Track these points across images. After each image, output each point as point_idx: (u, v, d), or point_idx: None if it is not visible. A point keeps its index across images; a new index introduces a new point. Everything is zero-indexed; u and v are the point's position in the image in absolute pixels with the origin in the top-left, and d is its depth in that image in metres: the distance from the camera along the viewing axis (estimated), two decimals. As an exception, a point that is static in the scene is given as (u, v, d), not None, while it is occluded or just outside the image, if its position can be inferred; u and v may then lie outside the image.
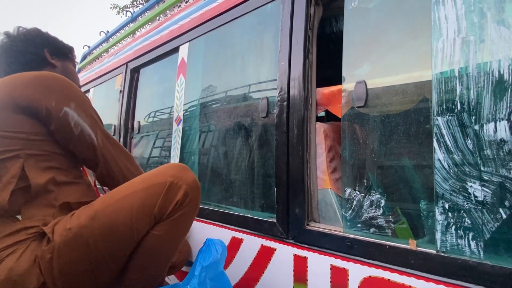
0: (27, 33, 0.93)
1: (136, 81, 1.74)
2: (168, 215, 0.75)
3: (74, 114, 0.79)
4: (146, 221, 0.74)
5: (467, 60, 0.61)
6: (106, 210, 0.74)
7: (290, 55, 0.92)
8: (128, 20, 2.33)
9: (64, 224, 0.72)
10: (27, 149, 0.75)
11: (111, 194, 0.78)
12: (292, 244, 0.87)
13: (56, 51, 0.97)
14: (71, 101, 0.79)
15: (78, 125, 0.80)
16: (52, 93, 0.77)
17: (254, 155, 1.05)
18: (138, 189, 0.75)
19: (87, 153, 0.84)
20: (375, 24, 0.78)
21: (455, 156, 0.61)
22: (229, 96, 1.16)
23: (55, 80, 0.79)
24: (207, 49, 1.27)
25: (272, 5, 1.01)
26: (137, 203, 0.74)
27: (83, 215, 0.74)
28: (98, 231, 0.72)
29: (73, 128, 0.79)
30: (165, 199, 0.74)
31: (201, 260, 0.74)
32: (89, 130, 0.82)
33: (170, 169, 0.79)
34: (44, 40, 0.95)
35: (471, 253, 0.58)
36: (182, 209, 0.76)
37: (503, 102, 0.56)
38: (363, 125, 0.77)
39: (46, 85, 0.77)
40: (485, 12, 0.59)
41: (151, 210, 0.74)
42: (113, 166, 0.87)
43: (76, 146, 0.82)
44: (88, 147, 0.83)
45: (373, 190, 0.74)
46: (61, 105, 0.77)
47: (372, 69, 0.77)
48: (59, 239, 0.70)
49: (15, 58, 0.89)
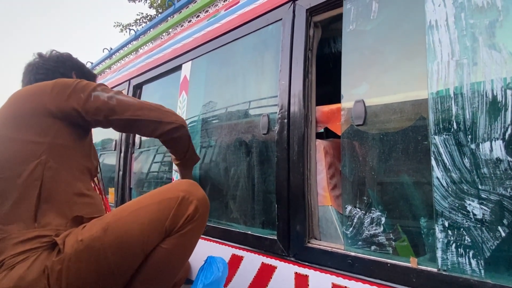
0: (60, 56, 1.03)
1: (139, 97, 1.77)
2: (178, 229, 0.77)
3: (103, 93, 0.87)
4: (157, 235, 0.76)
5: (461, 81, 0.63)
6: (119, 223, 0.75)
7: (291, 74, 0.95)
8: (132, 38, 2.40)
9: (75, 236, 0.73)
10: (50, 155, 0.78)
11: (123, 207, 0.80)
12: (293, 262, 0.86)
13: (82, 75, 1.06)
14: (96, 87, 0.87)
15: (112, 98, 0.88)
16: (77, 90, 0.84)
17: (254, 172, 1.06)
18: (151, 203, 0.78)
19: (138, 112, 0.90)
20: (372, 45, 0.81)
21: (453, 174, 0.62)
22: (230, 113, 1.18)
23: (72, 81, 0.87)
24: (209, 68, 1.30)
25: (273, 26, 1.05)
26: (150, 217, 0.76)
27: (95, 227, 0.74)
28: (109, 243, 0.73)
29: (109, 102, 0.86)
30: (177, 212, 0.77)
31: (203, 278, 0.73)
32: (123, 97, 0.90)
33: (182, 185, 0.82)
34: (73, 64, 1.05)
35: (472, 272, 0.58)
36: (191, 223, 0.78)
37: (498, 122, 0.58)
38: (362, 143, 0.78)
39: (69, 85, 0.84)
40: (477, 36, 0.62)
41: (163, 223, 0.76)
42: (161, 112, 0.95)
43: (124, 113, 0.88)
44: (134, 105, 0.90)
45: (373, 207, 0.75)
46: (90, 93, 0.85)
47: (370, 88, 0.80)
48: (70, 251, 0.70)
49: (45, 75, 0.97)
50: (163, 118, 0.95)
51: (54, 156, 0.79)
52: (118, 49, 2.60)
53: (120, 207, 0.80)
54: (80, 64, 1.08)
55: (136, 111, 0.90)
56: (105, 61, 2.76)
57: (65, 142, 0.81)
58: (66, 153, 0.81)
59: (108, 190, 1.89)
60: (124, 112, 0.88)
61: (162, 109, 0.97)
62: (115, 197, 1.73)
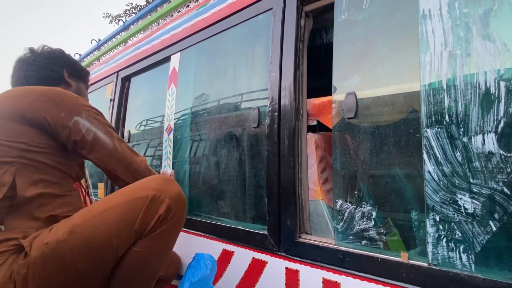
0: (51, 52, 0.98)
1: (127, 90, 1.72)
2: (150, 230, 0.72)
3: (85, 122, 0.81)
4: (126, 237, 0.71)
5: (454, 72, 0.61)
6: (85, 225, 0.71)
7: (281, 66, 0.93)
8: (120, 29, 2.33)
9: (42, 239, 0.69)
10: (22, 158, 0.75)
11: (91, 207, 0.76)
12: (284, 257, 0.85)
13: (74, 72, 1.02)
14: (81, 111, 0.82)
15: (91, 132, 0.82)
16: (61, 106, 0.80)
17: (245, 166, 1.04)
18: (119, 203, 0.73)
19: (106, 160, 0.84)
20: (364, 36, 0.79)
21: (445, 168, 0.61)
22: (220, 106, 1.15)
23: (63, 94, 0.82)
24: (199, 59, 1.27)
25: (263, 16, 1.02)
26: (117, 218, 0.71)
27: (61, 229, 0.71)
28: (76, 247, 0.69)
29: (85, 135, 0.81)
30: (146, 214, 0.72)
31: (190, 276, 0.72)
32: (102, 135, 0.84)
33: (152, 182, 0.76)
34: (66, 61, 1.01)
35: (463, 266, 0.57)
36: (165, 224, 0.73)
37: (490, 114, 0.56)
38: (354, 136, 0.77)
39: (56, 99, 0.80)
40: (470, 26, 0.60)
41: (131, 225, 0.71)
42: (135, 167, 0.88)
43: (92, 152, 0.82)
44: (105, 150, 0.84)
45: (364, 201, 0.74)
46: (71, 115, 0.80)
47: (362, 80, 0.78)
48: (36, 254, 0.67)
49: (36, 72, 0.92)
50: (129, 181, 0.85)
51: (26, 162, 0.75)
52: (107, 40, 2.52)
53: (90, 206, 0.77)
54: (72, 61, 1.04)
55: (105, 157, 0.84)
56: (94, 52, 2.69)
57: (39, 149, 0.77)
58: (40, 158, 0.77)
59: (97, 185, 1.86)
60: (93, 152, 0.83)
61: (136, 171, 0.88)
62: (104, 192, 1.70)
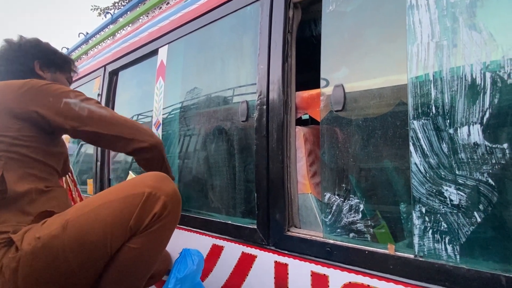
0: (22, 44, 0.94)
1: (115, 84, 1.69)
2: (145, 227, 0.72)
3: (75, 100, 0.81)
4: (120, 234, 0.71)
5: (441, 64, 0.61)
6: (79, 220, 0.70)
7: (269, 58, 0.91)
8: (108, 22, 2.27)
9: (34, 233, 0.68)
10: (10, 152, 0.75)
11: (86, 202, 0.75)
12: (273, 251, 0.85)
13: (48, 62, 0.97)
14: (69, 93, 0.82)
15: (84, 107, 0.82)
16: (46, 93, 0.79)
17: (234, 160, 1.02)
18: (114, 199, 0.72)
19: (109, 127, 0.85)
20: (352, 27, 0.78)
21: (431, 160, 0.61)
22: (208, 100, 1.13)
23: (45, 83, 0.82)
24: (187, 52, 1.24)
25: (251, 7, 1.00)
26: (112, 214, 0.70)
27: (54, 224, 0.70)
28: (69, 242, 0.68)
29: (79, 111, 0.81)
30: (142, 211, 0.71)
31: (176, 272, 0.71)
32: (96, 108, 0.84)
33: (149, 179, 0.76)
34: (38, 51, 0.95)
35: (448, 257, 0.58)
36: (160, 221, 0.73)
37: (476, 106, 0.56)
38: (342, 129, 0.76)
39: (38, 88, 0.79)
40: (457, 16, 0.60)
41: (127, 222, 0.70)
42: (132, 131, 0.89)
43: (92, 125, 0.82)
44: (105, 118, 0.84)
45: (352, 194, 0.74)
46: (59, 98, 0.80)
47: (349, 72, 0.77)
48: (26, 248, 0.66)
49: (5, 66, 0.91)
50: (135, 135, 0.88)
51: (13, 156, 0.74)
52: (95, 34, 2.46)
53: (83, 202, 0.76)
54: (47, 51, 0.98)
55: (107, 125, 0.84)
56: (81, 46, 2.62)
57: (25, 143, 0.76)
58: (27, 153, 0.76)
59: (86, 182, 1.83)
60: (94, 124, 0.82)
61: (136, 126, 0.90)
62: (94, 189, 1.67)
